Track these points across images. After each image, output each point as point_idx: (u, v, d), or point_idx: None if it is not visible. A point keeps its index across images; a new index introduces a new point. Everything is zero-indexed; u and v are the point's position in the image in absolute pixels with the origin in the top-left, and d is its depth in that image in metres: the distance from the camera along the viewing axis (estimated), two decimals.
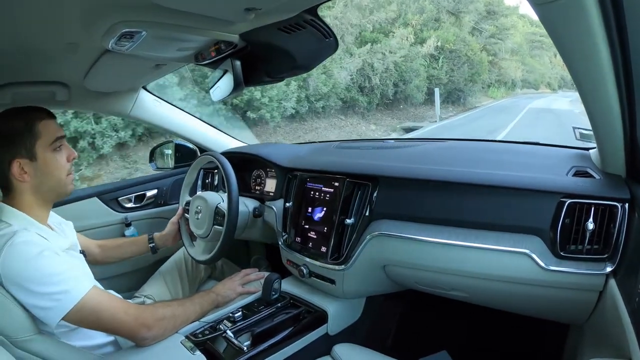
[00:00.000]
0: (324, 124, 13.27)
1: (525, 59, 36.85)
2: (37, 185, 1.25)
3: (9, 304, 1.08)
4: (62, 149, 1.30)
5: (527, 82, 37.28)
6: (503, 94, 29.76)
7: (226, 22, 1.05)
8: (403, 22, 19.63)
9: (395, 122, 15.97)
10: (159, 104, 2.11)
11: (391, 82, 15.83)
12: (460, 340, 1.88)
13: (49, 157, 1.25)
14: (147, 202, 2.19)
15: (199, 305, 1.48)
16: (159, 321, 1.28)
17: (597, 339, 1.11)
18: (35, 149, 1.22)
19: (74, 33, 1.09)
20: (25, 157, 1.21)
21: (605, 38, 0.74)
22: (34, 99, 1.57)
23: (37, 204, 1.27)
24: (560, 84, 43.25)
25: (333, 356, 1.41)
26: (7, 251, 1.09)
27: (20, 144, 1.21)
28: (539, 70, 40.06)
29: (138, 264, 2.07)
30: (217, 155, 1.74)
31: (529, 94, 34.40)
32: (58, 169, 1.28)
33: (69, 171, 1.32)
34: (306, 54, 1.27)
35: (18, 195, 1.24)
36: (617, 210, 1.07)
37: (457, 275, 1.32)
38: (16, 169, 1.20)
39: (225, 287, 1.65)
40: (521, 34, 38.26)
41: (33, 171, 1.23)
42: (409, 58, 16.95)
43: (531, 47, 40.49)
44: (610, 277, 1.04)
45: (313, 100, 12.65)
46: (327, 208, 1.60)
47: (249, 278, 1.74)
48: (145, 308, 1.30)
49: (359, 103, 14.62)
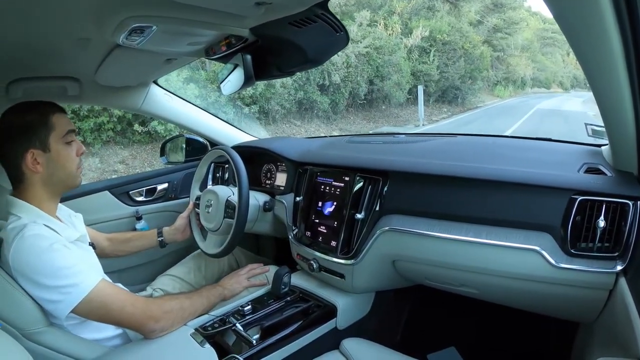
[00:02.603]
0: (266, 132, 10.14)
1: (536, 57, 35.56)
2: (48, 177, 1.27)
3: (20, 297, 1.09)
4: (72, 144, 1.32)
5: (537, 81, 35.75)
6: (511, 93, 28.18)
7: (237, 16, 1.05)
8: (388, 10, 17.88)
9: (370, 126, 13.80)
10: (169, 99, 2.11)
11: (363, 78, 13.37)
12: (468, 337, 1.88)
13: (61, 149, 1.27)
14: (157, 196, 2.20)
15: (206, 298, 1.50)
16: (167, 314, 1.29)
17: (607, 338, 1.10)
18: (49, 140, 1.25)
19: (85, 28, 1.09)
20: (39, 149, 1.23)
21: (618, 33, 0.73)
22: (45, 94, 1.58)
23: (47, 196, 1.28)
24: (573, 84, 41.63)
25: (341, 350, 1.41)
26: (18, 244, 1.11)
27: (35, 136, 1.23)
28: (550, 69, 38.40)
29: (147, 257, 2.09)
30: (228, 149, 1.75)
31: (539, 94, 32.89)
32: (69, 161, 1.30)
33: (78, 165, 1.34)
34: (317, 48, 1.26)
35: (29, 187, 1.25)
36: (629, 208, 1.06)
37: (466, 271, 1.32)
38: (30, 159, 1.22)
39: (232, 281, 1.67)
40: (532, 30, 37.01)
41: (46, 162, 1.25)
42: (387, 50, 14.38)
43: (543, 44, 39.14)
44: (620, 276, 1.03)
45: (241, 104, 9.95)
46: (337, 202, 1.61)
47: (255, 272, 1.76)
48: (153, 301, 1.31)
49: (318, 104, 12.08)
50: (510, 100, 25.70)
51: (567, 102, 24.49)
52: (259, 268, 1.78)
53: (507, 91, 27.32)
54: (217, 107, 9.32)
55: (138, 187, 2.14)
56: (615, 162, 1.19)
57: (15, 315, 1.08)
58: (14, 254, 1.10)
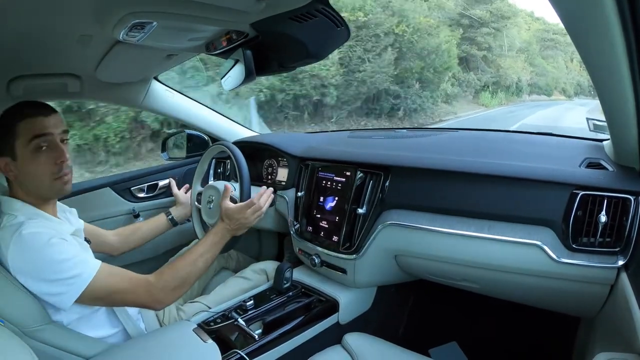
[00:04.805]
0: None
1: (535, 59, 29.95)
2: (23, 185, 1.23)
3: (20, 294, 1.10)
4: (45, 150, 1.21)
5: (537, 87, 29.62)
6: (502, 101, 22.79)
7: (237, 11, 1.04)
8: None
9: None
10: (170, 94, 2.11)
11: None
12: (470, 331, 1.88)
13: (27, 157, 1.19)
14: (159, 192, 2.20)
15: (210, 254, 1.42)
16: (172, 291, 1.29)
17: (608, 333, 1.10)
18: (15, 148, 1.19)
19: (86, 25, 1.09)
20: (8, 156, 1.20)
21: (620, 26, 0.72)
22: (46, 91, 1.59)
23: (36, 199, 1.25)
24: (577, 91, 35.10)
25: (344, 345, 1.42)
26: (16, 242, 1.10)
27: (4, 142, 1.19)
28: (552, 74, 31.99)
29: (158, 249, 2.10)
30: (229, 144, 1.74)
31: (539, 101, 27.22)
32: (39, 171, 1.21)
33: (56, 174, 1.23)
34: (318, 43, 1.26)
35: (17, 189, 1.24)
36: (630, 203, 1.06)
37: (468, 266, 1.32)
38: (3, 166, 1.20)
39: (239, 217, 1.52)
40: (530, 32, 33.55)
41: (17, 170, 1.21)
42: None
43: (543, 46, 33.98)
44: (622, 271, 1.03)
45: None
46: (338, 197, 1.61)
47: (260, 204, 1.58)
48: (156, 281, 1.27)
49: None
50: (497, 110, 20.47)
51: (568, 112, 19.03)
52: (265, 195, 1.62)
53: (496, 99, 22.14)
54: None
55: (139, 183, 2.14)
56: (617, 157, 1.19)
57: (17, 313, 1.08)
58: (13, 253, 1.10)
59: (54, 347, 1.13)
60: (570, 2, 0.72)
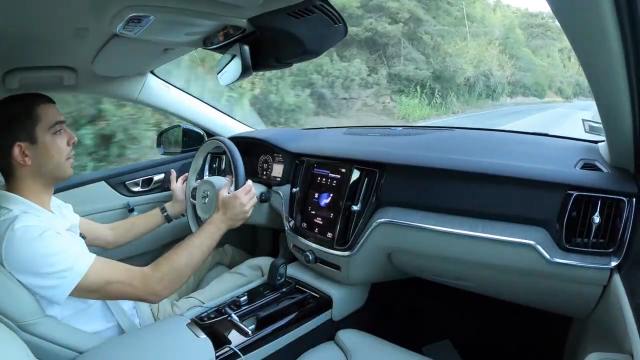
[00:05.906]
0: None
1: (519, 51, 22.37)
2: (37, 169, 1.25)
3: (15, 288, 1.09)
4: (62, 133, 1.30)
5: (523, 87, 22.67)
6: (456, 109, 16.12)
7: (235, 6, 1.04)
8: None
9: None
10: (166, 89, 2.10)
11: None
12: (463, 329, 1.89)
13: (49, 140, 1.26)
14: (153, 187, 2.20)
15: (206, 245, 1.42)
16: (168, 283, 1.28)
17: (600, 333, 1.11)
18: (35, 132, 1.23)
19: (83, 18, 1.09)
20: (26, 141, 1.22)
21: (617, 27, 0.72)
22: (41, 84, 1.57)
23: (37, 188, 1.27)
24: (576, 91, 27.07)
25: (337, 341, 1.42)
26: (9, 237, 1.10)
27: (21, 128, 1.21)
28: (541, 69, 24.35)
29: (154, 243, 2.10)
30: (224, 140, 1.74)
31: (522, 104, 21.03)
32: (58, 152, 1.28)
33: (68, 155, 1.32)
34: (315, 39, 1.26)
35: (19, 180, 1.24)
36: (624, 204, 1.06)
37: (461, 264, 1.33)
38: (17, 152, 1.21)
39: (236, 206, 1.52)
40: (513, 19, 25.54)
41: (33, 154, 1.23)
42: None
43: (529, 34, 26.09)
44: (615, 272, 1.04)
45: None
46: (333, 194, 1.61)
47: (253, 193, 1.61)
48: (152, 273, 1.27)
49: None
50: (443, 120, 14.42)
51: (562, 120, 13.28)
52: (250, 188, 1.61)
53: (449, 106, 15.73)
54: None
55: (134, 177, 2.14)
56: (612, 159, 1.19)
57: (11, 307, 1.07)
58: (7, 247, 1.10)
59: (48, 341, 1.13)
60: (570, 8, 0.72)
